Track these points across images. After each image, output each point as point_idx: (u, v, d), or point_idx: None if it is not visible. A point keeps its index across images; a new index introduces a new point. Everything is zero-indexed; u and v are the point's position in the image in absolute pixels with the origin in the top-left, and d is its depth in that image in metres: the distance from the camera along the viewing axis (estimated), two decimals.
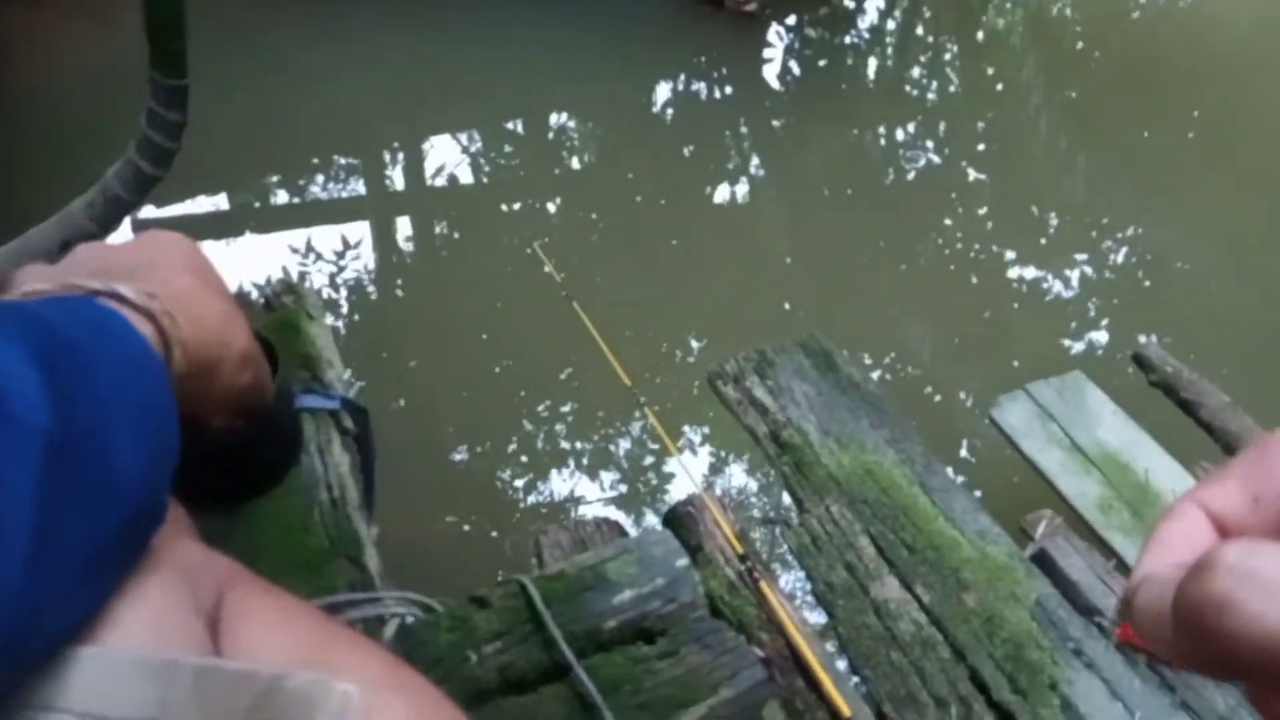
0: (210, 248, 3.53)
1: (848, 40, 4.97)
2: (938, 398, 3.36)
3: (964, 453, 3.08)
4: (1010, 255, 3.79)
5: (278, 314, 1.50)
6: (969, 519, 1.69)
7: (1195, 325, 3.54)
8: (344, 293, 3.41)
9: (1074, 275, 3.74)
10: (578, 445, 2.95)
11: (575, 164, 4.23)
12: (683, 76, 4.63)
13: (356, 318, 3.37)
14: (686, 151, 4.24)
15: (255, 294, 1.83)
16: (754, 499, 2.88)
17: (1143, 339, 3.42)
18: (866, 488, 1.68)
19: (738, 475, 2.97)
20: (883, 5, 5.16)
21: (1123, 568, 1.76)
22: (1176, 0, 5.28)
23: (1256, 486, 0.33)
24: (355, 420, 1.35)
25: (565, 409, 3.05)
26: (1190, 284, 3.76)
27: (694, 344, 3.41)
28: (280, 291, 1.53)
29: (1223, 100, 4.48)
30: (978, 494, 3.06)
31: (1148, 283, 3.74)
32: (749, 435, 1.85)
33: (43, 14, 4.15)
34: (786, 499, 1.73)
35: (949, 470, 3.26)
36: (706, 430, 2.99)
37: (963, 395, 3.35)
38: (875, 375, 3.39)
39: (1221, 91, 4.51)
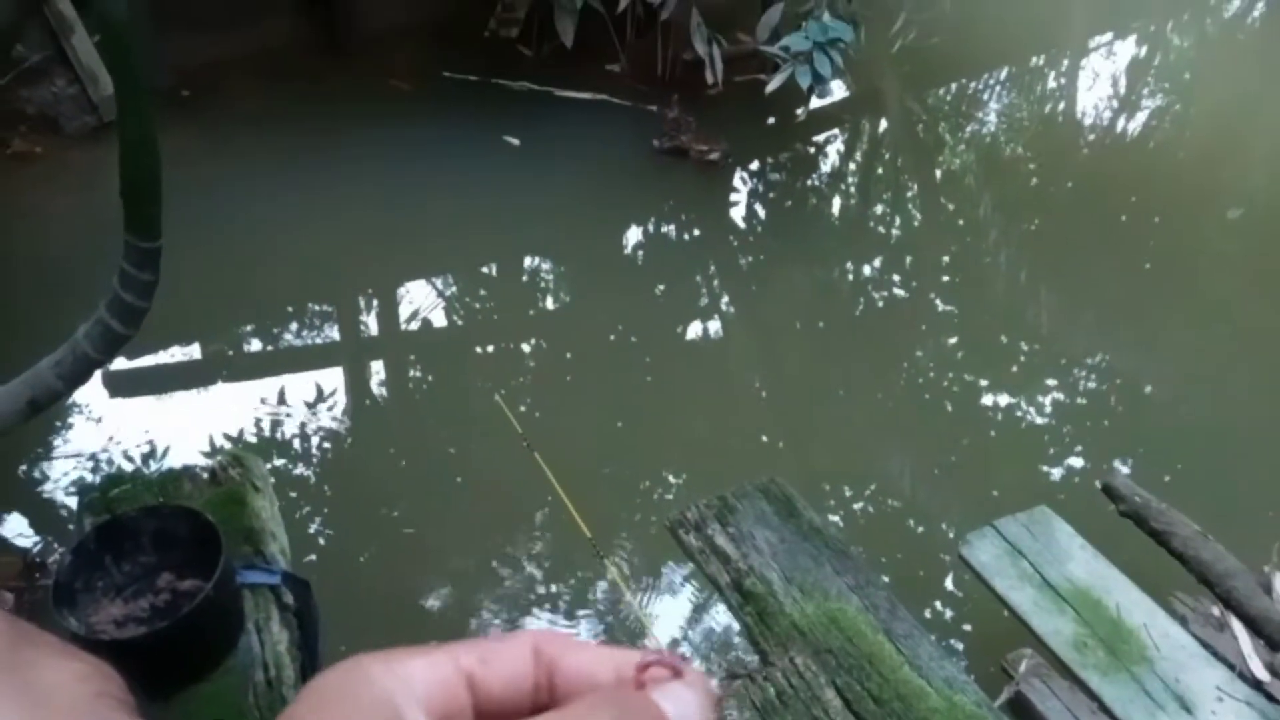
0: (181, 399, 3.55)
1: (810, 182, 5.15)
2: (920, 529, 3.34)
3: (950, 585, 3.03)
4: (983, 383, 3.83)
5: (223, 488, 1.50)
6: (935, 666, 1.65)
7: (1168, 449, 3.56)
8: (315, 441, 3.40)
9: (1047, 402, 3.77)
10: (539, 599, 2.89)
11: (549, 305, 4.31)
12: (652, 220, 4.78)
13: (325, 468, 3.36)
14: (658, 291, 4.33)
15: (201, 467, 1.84)
16: (717, 651, 2.81)
17: (1118, 464, 3.43)
18: (831, 637, 1.65)
19: (701, 625, 2.91)
20: (843, 149, 5.39)
21: (1104, 710, 1.71)
22: (1122, 137, 5.53)
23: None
24: (296, 594, 1.33)
25: (529, 561, 3.00)
26: (1160, 408, 3.80)
27: (668, 484, 3.39)
28: (227, 464, 1.53)
29: (1174, 229, 4.64)
30: (967, 627, 3.01)
31: (1120, 408, 3.78)
32: (712, 585, 1.82)
33: (22, 172, 4.28)
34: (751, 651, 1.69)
35: (936, 603, 3.23)
36: (671, 578, 2.94)
37: (944, 526, 3.33)
38: (857, 507, 3.37)
39: (1172, 221, 4.68)
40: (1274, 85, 5.70)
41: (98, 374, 2.91)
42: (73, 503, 3.07)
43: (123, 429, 3.35)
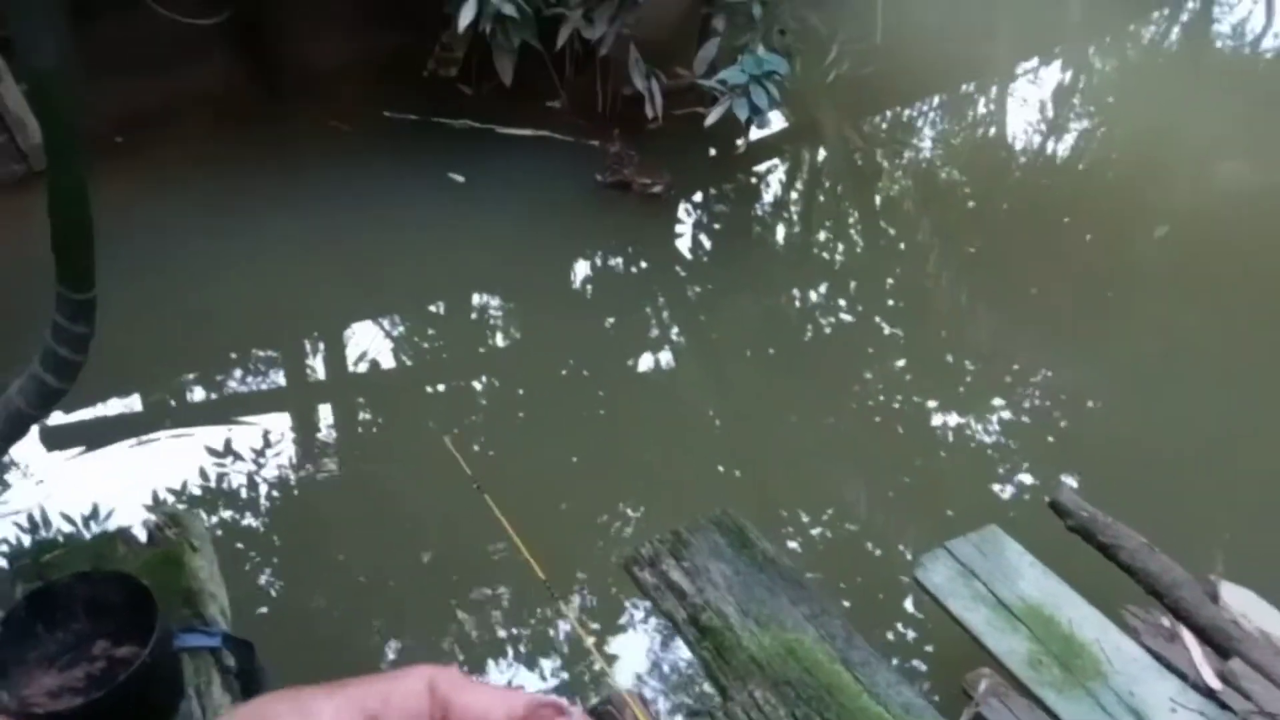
0: (122, 453, 3.45)
1: (754, 212, 5.22)
2: (877, 552, 3.35)
3: (910, 607, 3.04)
4: (932, 404, 3.88)
5: (160, 550, 1.45)
6: (894, 692, 1.66)
7: (1111, 462, 3.63)
8: (262, 490, 3.33)
9: (994, 420, 3.84)
10: (497, 644, 2.85)
11: (499, 342, 4.28)
12: (599, 254, 4.79)
13: (273, 518, 3.28)
14: (608, 324, 4.34)
15: (139, 527, 1.78)
16: (677, 690, 2.79)
17: (1066, 478, 3.49)
18: (789, 668, 1.64)
19: (662, 663, 2.88)
20: (784, 178, 5.47)
21: None
22: (1053, 159, 5.69)
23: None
24: (238, 656, 1.29)
25: (485, 605, 2.96)
26: (1102, 422, 3.88)
27: (625, 518, 3.37)
28: (164, 524, 1.48)
29: (1105, 248, 4.77)
30: (928, 648, 3.02)
31: (1064, 423, 3.85)
32: (668, 621, 1.81)
33: None
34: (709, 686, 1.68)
35: (897, 625, 3.24)
36: (628, 616, 2.92)
37: (900, 548, 3.35)
38: (814, 533, 3.38)
39: (1104, 240, 4.81)
40: (1193, 106, 5.92)
41: (33, 430, 2.82)
42: (3, 568, 2.96)
43: (60, 486, 3.24)
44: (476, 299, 4.46)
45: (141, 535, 1.68)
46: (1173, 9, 7.43)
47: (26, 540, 2.96)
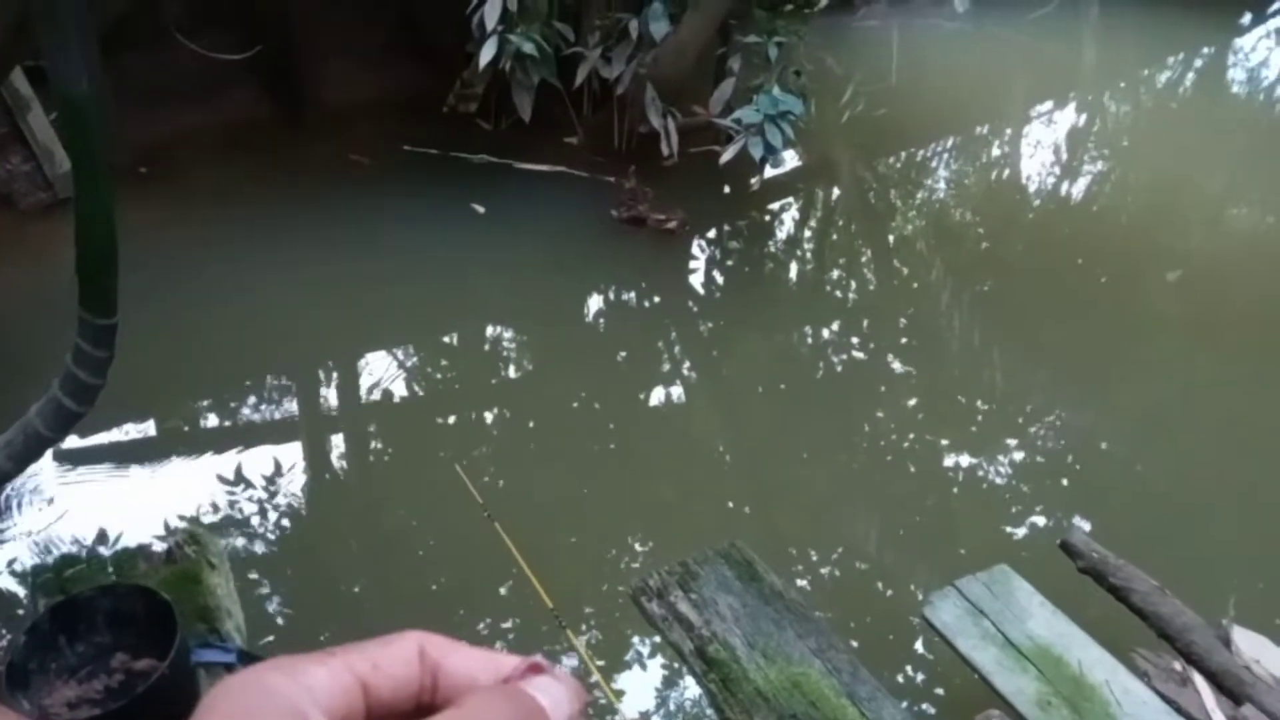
0: (137, 476, 3.48)
1: (767, 249, 5.25)
2: (887, 591, 3.33)
3: (919, 647, 3.02)
4: (944, 443, 3.87)
5: (179, 567, 1.47)
6: None
7: (1125, 505, 3.61)
8: (272, 517, 3.34)
9: (1006, 460, 3.82)
10: None
11: (511, 373, 4.31)
12: (612, 288, 4.83)
13: (283, 544, 3.29)
14: (619, 357, 4.36)
15: (158, 545, 1.80)
16: None
17: (1078, 520, 3.47)
18: (795, 702, 1.63)
19: (666, 695, 2.86)
20: (797, 216, 5.51)
21: None
22: (1067, 201, 5.72)
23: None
24: None
25: (494, 635, 2.95)
26: (1116, 464, 3.86)
27: (633, 551, 3.37)
28: (184, 542, 1.50)
29: (1120, 290, 4.78)
30: (938, 690, 2.99)
31: (1077, 465, 3.83)
32: (675, 652, 1.80)
33: None
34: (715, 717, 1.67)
35: (907, 667, 3.21)
36: (635, 647, 2.90)
37: (911, 587, 3.33)
38: (823, 571, 3.37)
39: (1118, 282, 4.82)
40: (1208, 151, 5.95)
41: (49, 452, 2.85)
42: (20, 585, 2.98)
43: (75, 507, 3.27)
44: (490, 330, 4.50)
45: (160, 553, 1.70)
46: (1188, 55, 7.49)
47: (48, 556, 2.99)
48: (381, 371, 4.14)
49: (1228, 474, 3.67)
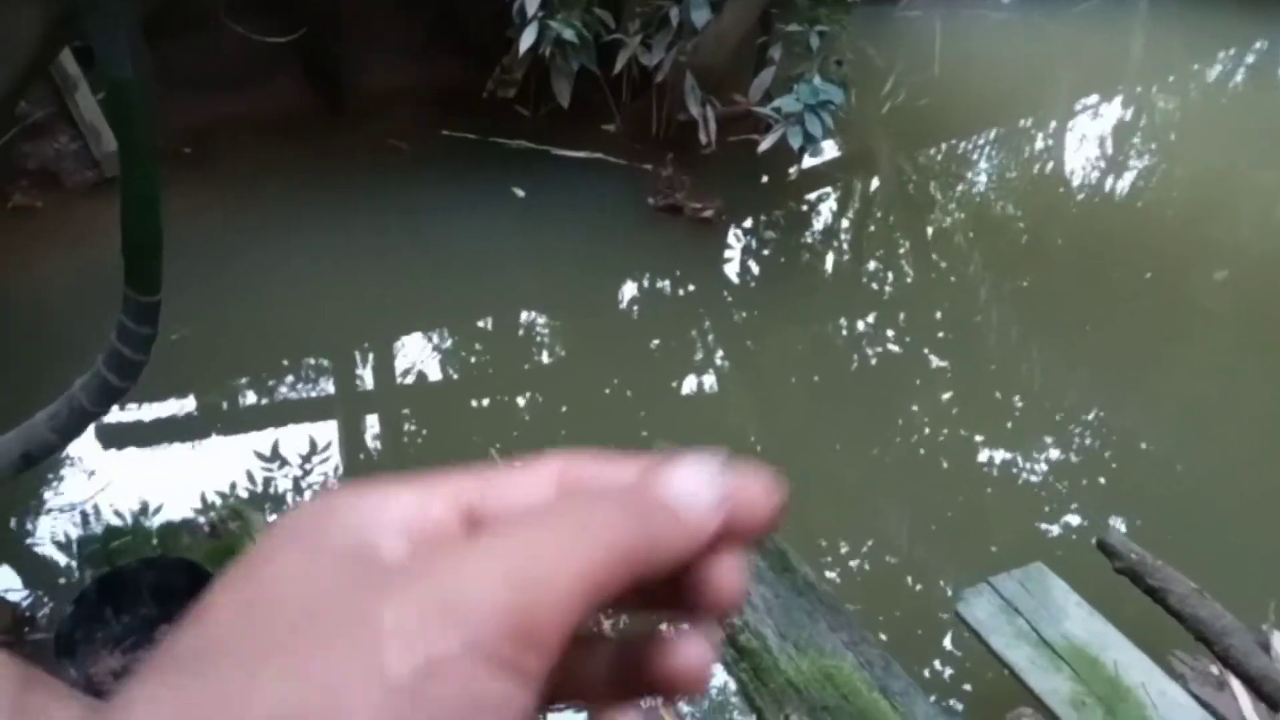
0: (174, 453, 3.53)
1: (804, 239, 5.22)
2: (918, 586, 3.31)
3: (949, 644, 3.00)
4: (979, 439, 3.84)
5: (223, 541, 1.50)
6: None
7: (1164, 506, 3.55)
8: (309, 494, 3.38)
9: (1043, 458, 3.78)
10: None
11: (545, 359, 4.32)
12: (647, 277, 4.82)
13: None
14: (653, 345, 4.36)
15: (202, 520, 1.83)
16: (711, 712, 2.76)
17: (1115, 520, 3.43)
18: (826, 694, 1.63)
19: None
20: (835, 207, 5.47)
21: None
22: (1111, 196, 5.62)
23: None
24: None
25: None
26: (1156, 464, 3.80)
27: None
28: (226, 517, 1.52)
29: (1164, 288, 4.69)
30: (967, 686, 2.97)
31: (1116, 464, 3.78)
32: None
33: (22, 226, 4.32)
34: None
35: (936, 663, 3.19)
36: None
37: (941, 583, 3.31)
38: (853, 564, 3.35)
39: (1162, 279, 4.73)
40: (1257, 147, 5.82)
41: (91, 427, 2.90)
42: (63, 556, 3.05)
43: (115, 483, 3.33)
44: (524, 315, 4.51)
45: (204, 528, 1.74)
46: (1239, 49, 7.33)
47: (91, 528, 3.05)
48: (416, 354, 4.17)
49: (1271, 476, 3.60)
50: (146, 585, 1.86)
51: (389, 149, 5.11)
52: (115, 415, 3.45)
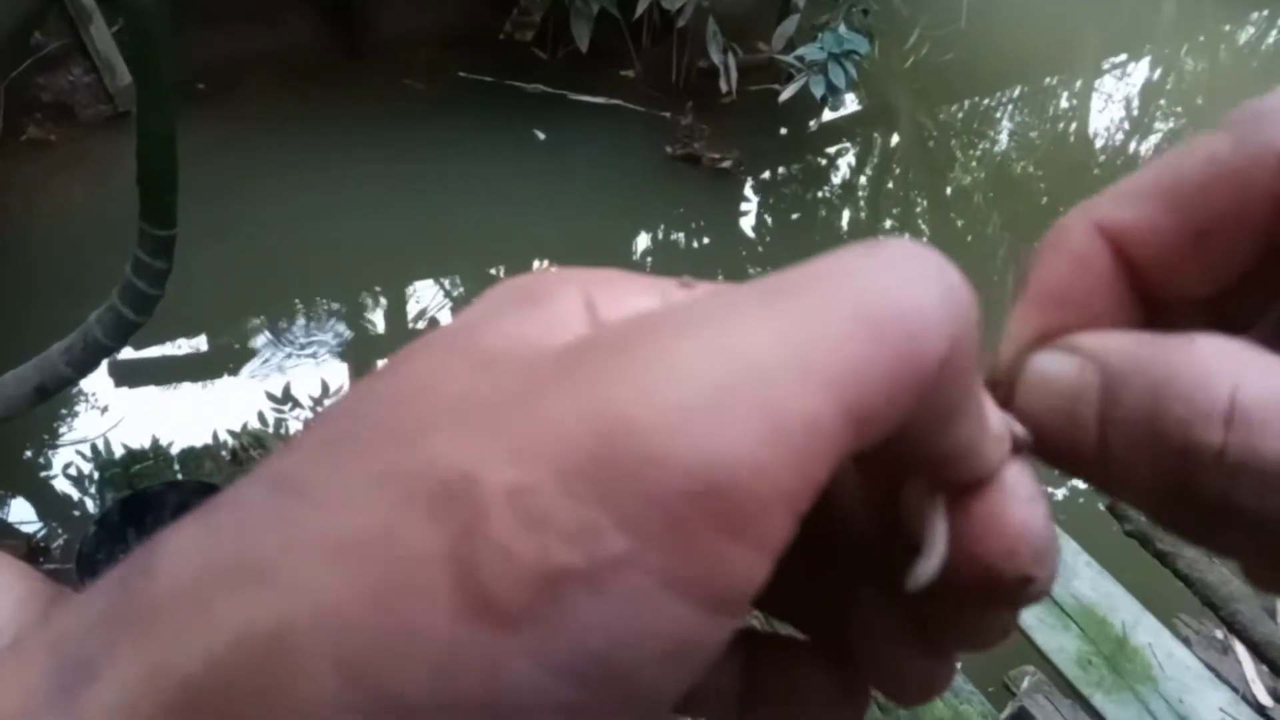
0: (187, 391, 3.55)
1: (821, 194, 5.16)
2: None
3: None
4: None
5: (244, 468, 1.50)
6: None
7: None
8: None
9: None
10: None
11: None
12: (663, 227, 4.78)
13: None
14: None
15: (224, 446, 1.84)
16: None
17: None
18: None
19: None
20: (853, 162, 5.40)
21: None
22: (1134, 159, 5.53)
23: (1199, 216, 0.22)
24: None
25: None
26: None
27: None
28: (249, 444, 1.53)
29: None
30: None
31: None
32: None
33: (36, 159, 4.30)
34: None
35: None
36: None
37: None
38: None
39: None
40: None
41: (105, 363, 2.91)
42: (76, 491, 3.08)
43: (130, 416, 3.35)
44: (537, 263, 4.49)
45: (226, 454, 1.74)
46: (1273, 11, 7.15)
47: (95, 468, 3.08)
48: (429, 299, 4.16)
49: None
50: (169, 508, 1.87)
51: (404, 90, 5.05)
52: (127, 352, 3.46)
